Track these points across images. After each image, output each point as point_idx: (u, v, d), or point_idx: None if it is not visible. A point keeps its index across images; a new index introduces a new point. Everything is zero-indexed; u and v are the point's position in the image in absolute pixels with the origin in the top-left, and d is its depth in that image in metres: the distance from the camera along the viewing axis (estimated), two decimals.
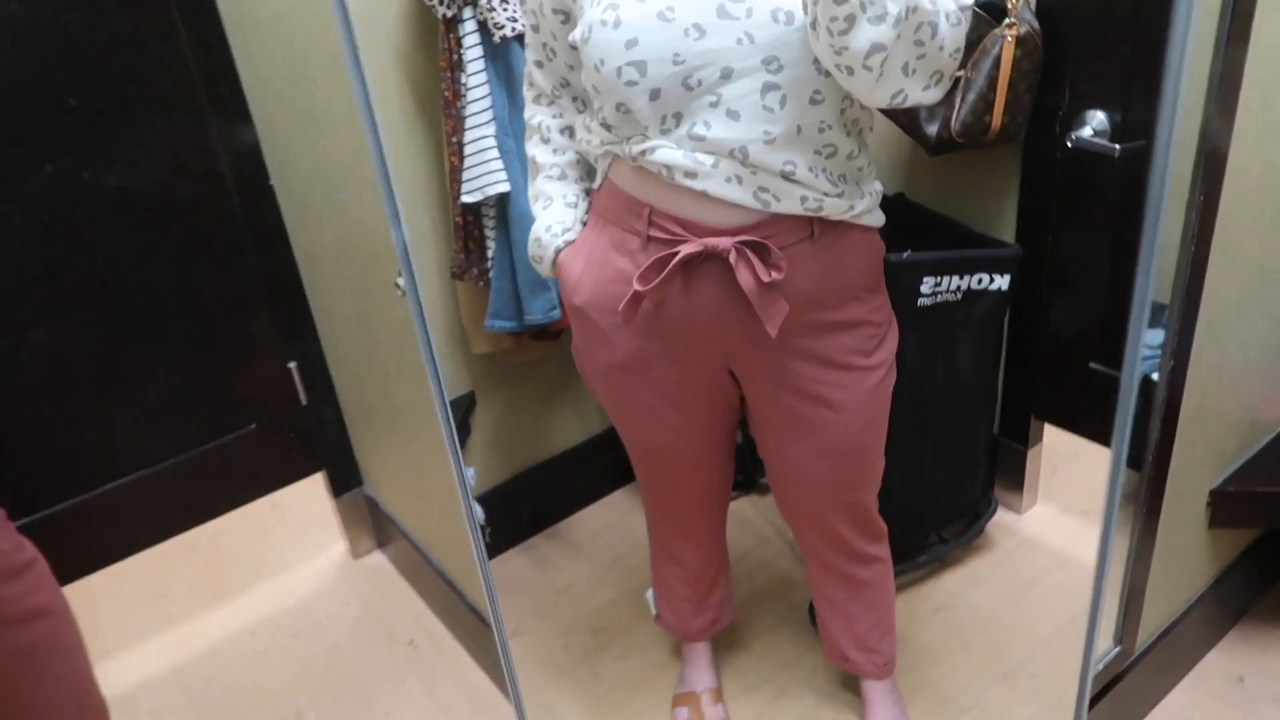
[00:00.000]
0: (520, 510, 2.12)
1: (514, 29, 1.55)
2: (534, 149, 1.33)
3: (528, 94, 1.33)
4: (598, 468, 2.22)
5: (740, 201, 1.12)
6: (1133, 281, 0.90)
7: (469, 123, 1.60)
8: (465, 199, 1.63)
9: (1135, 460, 1.37)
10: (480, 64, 1.57)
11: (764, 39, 1.05)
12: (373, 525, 2.18)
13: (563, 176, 1.31)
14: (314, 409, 2.01)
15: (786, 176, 1.11)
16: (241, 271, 1.85)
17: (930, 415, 1.76)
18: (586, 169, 1.33)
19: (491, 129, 1.61)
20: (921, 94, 1.05)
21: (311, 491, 2.13)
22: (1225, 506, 1.52)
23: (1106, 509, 0.87)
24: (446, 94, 1.62)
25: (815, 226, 1.16)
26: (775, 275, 1.13)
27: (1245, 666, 1.68)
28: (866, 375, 1.28)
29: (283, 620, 2.04)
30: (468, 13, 1.56)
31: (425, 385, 1.55)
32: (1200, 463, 1.45)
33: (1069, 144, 1.60)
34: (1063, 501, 2.06)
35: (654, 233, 1.17)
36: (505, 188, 1.61)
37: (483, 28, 1.57)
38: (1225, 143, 1.14)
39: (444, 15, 1.56)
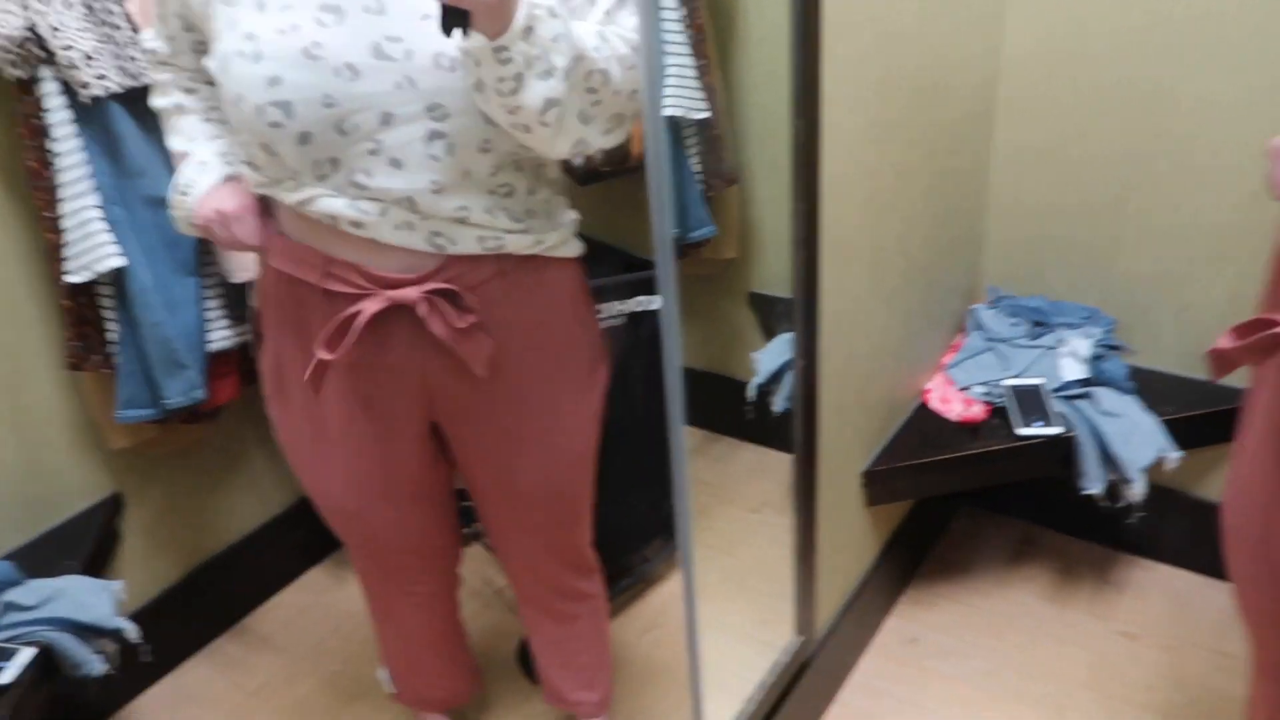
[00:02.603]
0: (196, 613, 1.91)
1: (106, 88, 1.39)
2: (172, 96, 1.17)
3: (151, 59, 1.17)
4: (284, 550, 2.05)
5: (415, 247, 1.05)
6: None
7: (64, 194, 1.42)
8: (71, 279, 1.44)
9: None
10: (70, 129, 1.40)
11: (427, 85, 0.97)
12: None
13: (209, 120, 1.18)
14: None
15: (461, 220, 1.05)
16: None
17: (617, 440, 1.77)
18: None
19: (93, 199, 1.43)
20: (603, 139, 1.02)
21: None
22: (877, 485, 1.65)
23: (679, 508, 0.90)
24: (32, 164, 1.43)
25: (504, 263, 1.11)
26: (470, 319, 1.08)
27: (917, 627, 1.83)
28: (578, 412, 1.25)
29: None
30: (45, 72, 1.38)
31: None
32: (849, 449, 1.56)
33: None
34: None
35: (332, 285, 1.07)
36: (118, 262, 1.44)
37: (67, 88, 1.39)
38: (816, 155, 1.23)
39: (16, 77, 1.37)
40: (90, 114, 1.42)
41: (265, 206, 1.14)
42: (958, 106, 1.62)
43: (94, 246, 1.44)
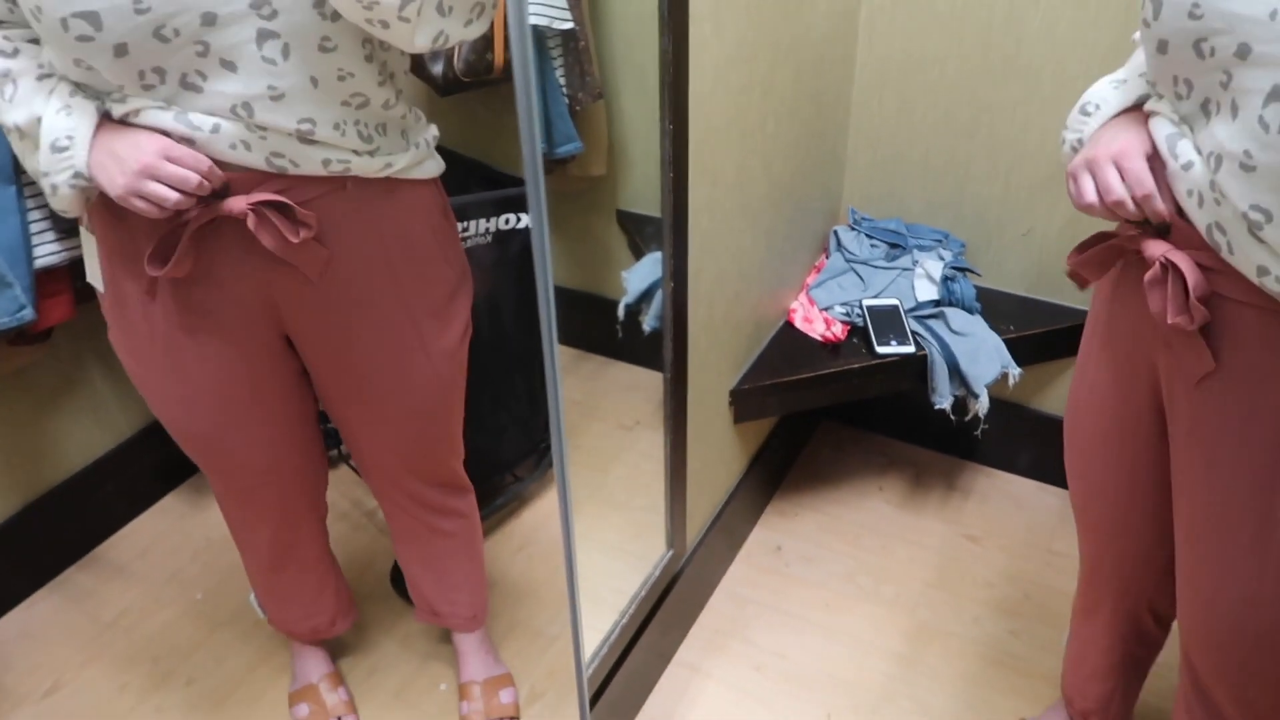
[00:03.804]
0: (41, 545, 1.81)
1: None
2: None
3: None
4: (136, 474, 1.95)
5: (251, 165, 0.99)
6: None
7: None
8: None
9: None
10: None
11: None
12: None
13: (43, 77, 0.98)
14: None
15: (304, 138, 0.98)
16: None
17: (485, 360, 1.76)
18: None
19: None
20: (465, 30, 0.97)
21: None
22: (744, 403, 1.69)
23: (554, 424, 0.92)
24: None
25: (348, 182, 1.06)
26: (305, 233, 1.02)
27: (781, 535, 1.91)
28: (439, 335, 1.22)
29: None
30: None
31: None
32: (717, 368, 1.59)
33: None
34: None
35: None
36: None
37: None
38: (684, 73, 1.21)
39: None
40: None
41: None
42: (821, 27, 1.62)
43: None
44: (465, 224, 1.61)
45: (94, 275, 1.14)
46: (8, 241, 1.42)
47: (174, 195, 0.95)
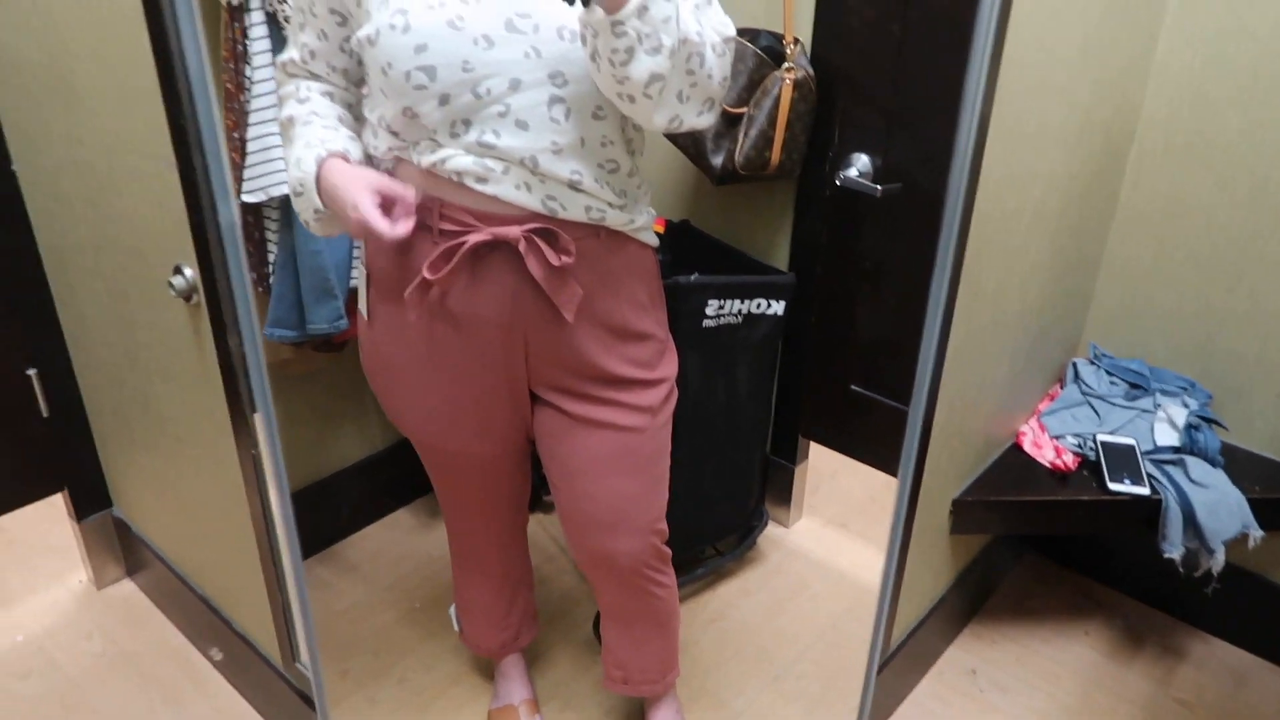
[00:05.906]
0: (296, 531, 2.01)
1: None
2: (287, 109, 1.22)
3: (281, 75, 1.26)
4: (379, 486, 2.15)
5: (529, 206, 1.16)
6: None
7: (253, 118, 1.53)
8: (246, 198, 1.55)
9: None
10: (267, 57, 1.50)
11: (550, 54, 1.11)
12: (121, 551, 1.98)
13: (312, 118, 1.21)
14: (56, 421, 1.81)
15: (574, 186, 1.16)
16: None
17: (711, 433, 1.85)
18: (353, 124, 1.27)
19: (277, 126, 1.53)
20: (696, 119, 1.13)
21: (48, 514, 1.92)
22: (964, 515, 1.70)
23: (894, 526, 0.96)
24: (229, 86, 1.54)
25: (601, 231, 1.22)
26: (565, 259, 1.17)
27: (977, 660, 1.87)
28: (651, 389, 1.33)
29: (10, 661, 1.81)
30: (255, 2, 1.49)
31: (198, 395, 1.46)
32: (945, 475, 1.62)
33: (837, 182, 1.75)
34: (825, 515, 2.22)
35: (445, 225, 1.17)
36: None
37: (271, 20, 1.50)
38: (974, 189, 1.29)
39: (229, 3, 1.49)
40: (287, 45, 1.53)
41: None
42: (1092, 163, 1.67)
43: (271, 171, 1.54)
44: (721, 302, 1.73)
45: (363, 304, 1.31)
46: (338, 260, 1.64)
47: (384, 226, 1.09)
